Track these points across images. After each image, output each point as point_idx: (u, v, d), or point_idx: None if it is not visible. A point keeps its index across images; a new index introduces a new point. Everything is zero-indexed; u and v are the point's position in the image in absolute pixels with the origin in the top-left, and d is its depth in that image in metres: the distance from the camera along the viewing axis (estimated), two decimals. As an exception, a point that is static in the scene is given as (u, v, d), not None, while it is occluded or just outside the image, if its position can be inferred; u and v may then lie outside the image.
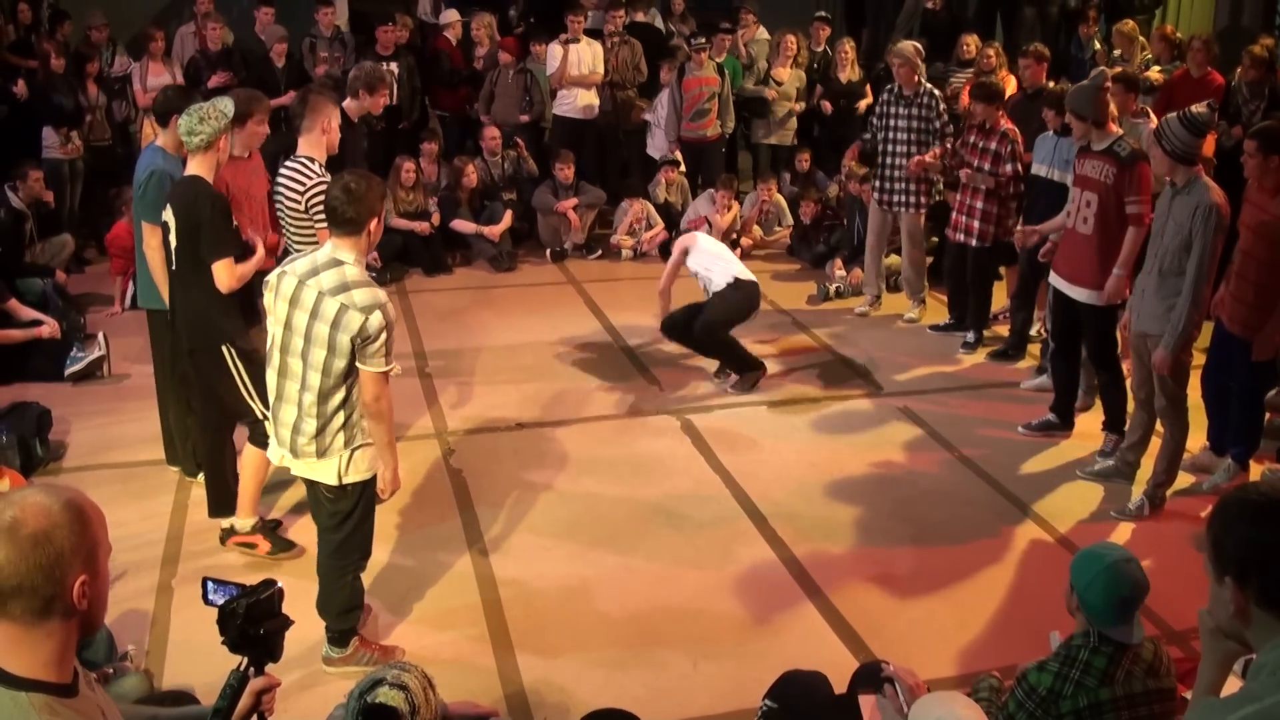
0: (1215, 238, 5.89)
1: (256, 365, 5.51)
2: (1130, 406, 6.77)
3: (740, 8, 13.61)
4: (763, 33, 13.19)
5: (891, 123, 9.24)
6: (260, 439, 5.61)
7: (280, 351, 4.65)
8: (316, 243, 5.87)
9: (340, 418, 4.63)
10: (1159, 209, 6.23)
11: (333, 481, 4.72)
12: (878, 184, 9.46)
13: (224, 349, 5.58)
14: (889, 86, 9.42)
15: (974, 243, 8.70)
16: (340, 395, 4.59)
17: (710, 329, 8.09)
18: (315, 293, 4.49)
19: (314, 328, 4.49)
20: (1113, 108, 7.54)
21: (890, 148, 9.28)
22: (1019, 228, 8.03)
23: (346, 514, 4.83)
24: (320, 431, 4.63)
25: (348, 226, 4.52)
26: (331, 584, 4.92)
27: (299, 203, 6.06)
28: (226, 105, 5.58)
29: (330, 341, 4.47)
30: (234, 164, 6.26)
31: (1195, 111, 5.96)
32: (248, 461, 5.80)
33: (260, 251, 5.81)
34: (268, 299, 4.67)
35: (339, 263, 4.52)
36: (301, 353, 4.56)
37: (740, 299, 8.10)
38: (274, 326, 4.65)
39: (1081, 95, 6.98)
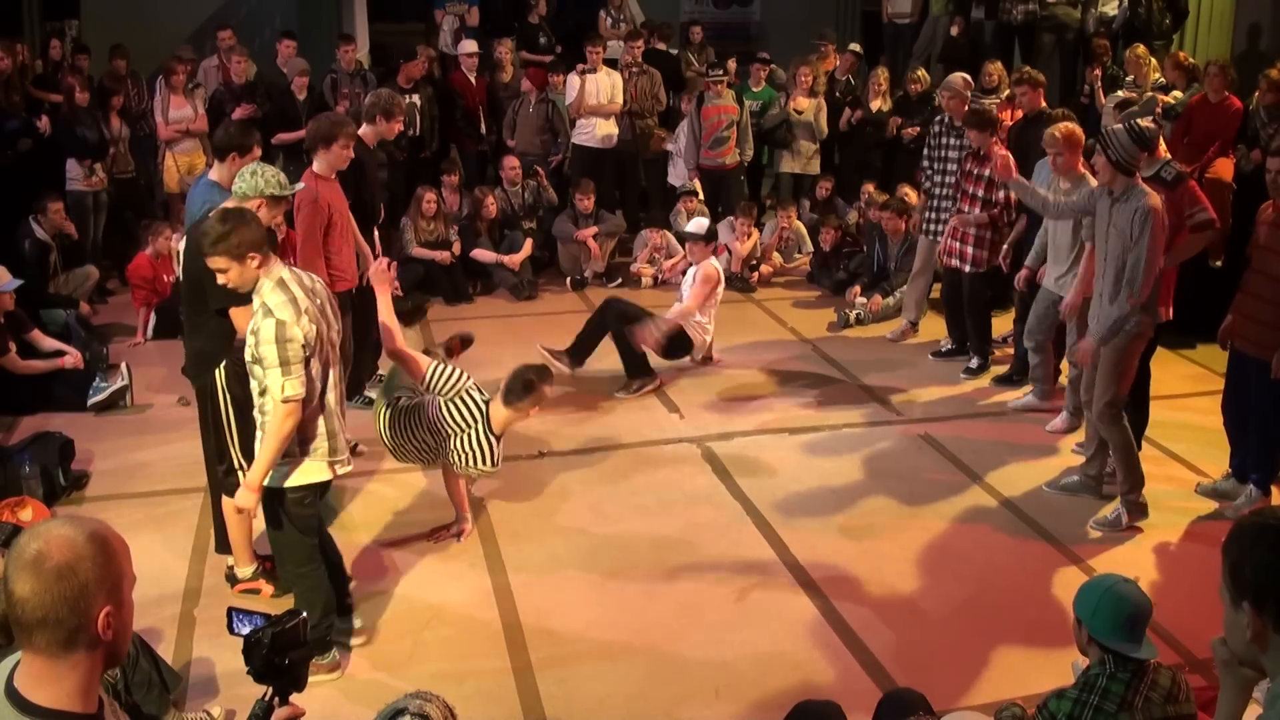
0: (1155, 239, 6.04)
1: (248, 416, 5.58)
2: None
3: (756, 38, 13.70)
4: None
5: (942, 153, 9.24)
6: (231, 489, 5.59)
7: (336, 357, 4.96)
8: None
9: None
10: (1099, 217, 6.35)
11: None
12: (927, 214, 9.45)
13: (220, 390, 5.55)
14: (939, 117, 9.42)
15: (968, 269, 8.70)
16: None
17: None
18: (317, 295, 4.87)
19: (329, 315, 4.93)
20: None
21: (941, 179, 9.27)
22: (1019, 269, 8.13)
23: None
24: None
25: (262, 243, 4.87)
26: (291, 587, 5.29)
27: (458, 453, 6.19)
28: (278, 183, 5.52)
29: (335, 312, 5.02)
30: (327, 184, 6.77)
31: (1144, 124, 6.15)
32: (229, 512, 5.72)
33: None
34: (314, 344, 4.72)
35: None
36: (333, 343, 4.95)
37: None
38: (328, 349, 4.87)
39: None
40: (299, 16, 14.92)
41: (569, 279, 11.42)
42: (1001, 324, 9.23)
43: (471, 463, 6.11)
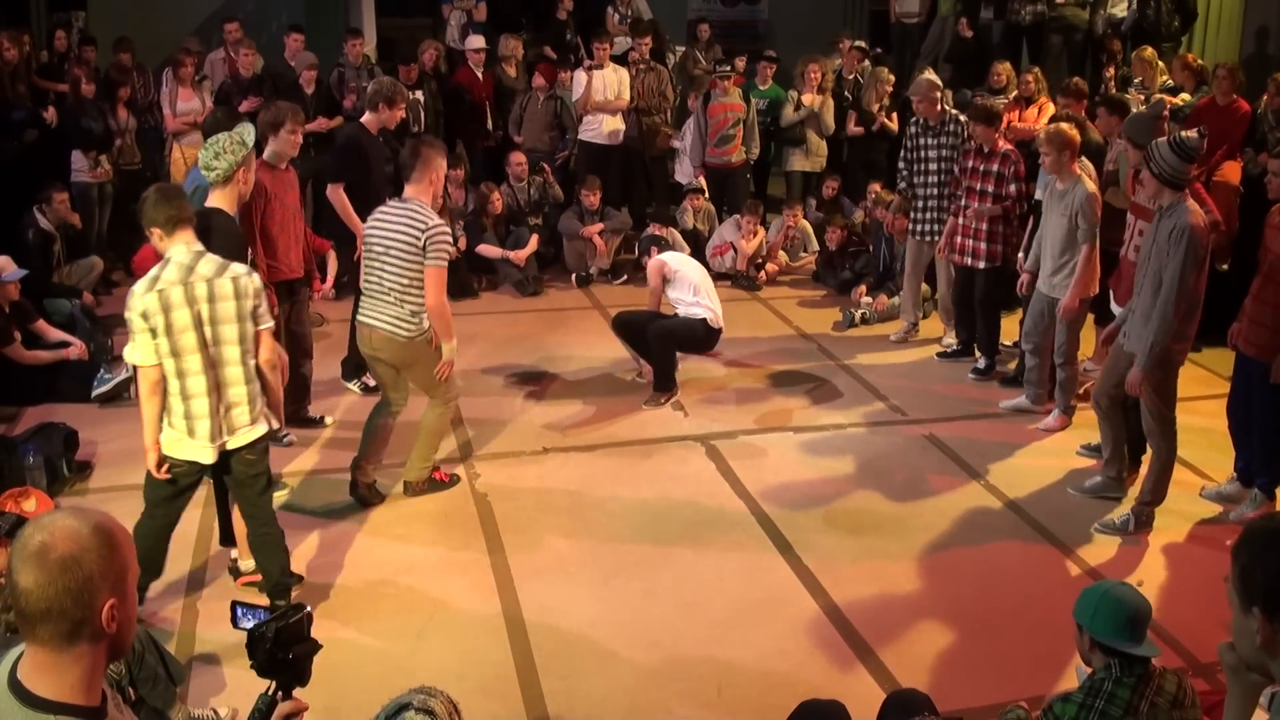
0: (1190, 259, 5.92)
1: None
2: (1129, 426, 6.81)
3: (764, 36, 13.69)
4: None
5: (921, 154, 9.23)
6: None
7: (200, 350, 4.95)
8: (418, 283, 6.22)
9: (256, 380, 5.17)
10: (1148, 233, 6.29)
11: (261, 434, 5.23)
12: (912, 215, 9.43)
13: None
14: (914, 119, 9.41)
15: (982, 265, 8.67)
16: (252, 361, 5.10)
17: (666, 337, 8.36)
18: (204, 283, 4.92)
19: (218, 310, 4.94)
20: (1096, 134, 7.72)
21: (921, 179, 9.26)
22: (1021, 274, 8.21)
23: (265, 467, 5.36)
24: (251, 399, 5.13)
25: (187, 222, 5.06)
26: (276, 541, 5.46)
27: (418, 239, 6.17)
28: (247, 134, 5.65)
29: (240, 311, 4.98)
30: (271, 171, 6.67)
31: (1185, 136, 6.00)
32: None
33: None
34: (155, 323, 4.89)
35: (201, 253, 5.01)
36: (216, 338, 4.97)
37: (704, 335, 8.44)
38: (177, 336, 4.91)
39: (1139, 124, 7.05)
40: (306, 10, 14.88)
41: (574, 275, 11.41)
42: (1010, 324, 9.19)
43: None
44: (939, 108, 9.11)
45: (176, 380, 4.97)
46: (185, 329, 4.89)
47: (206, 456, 5.10)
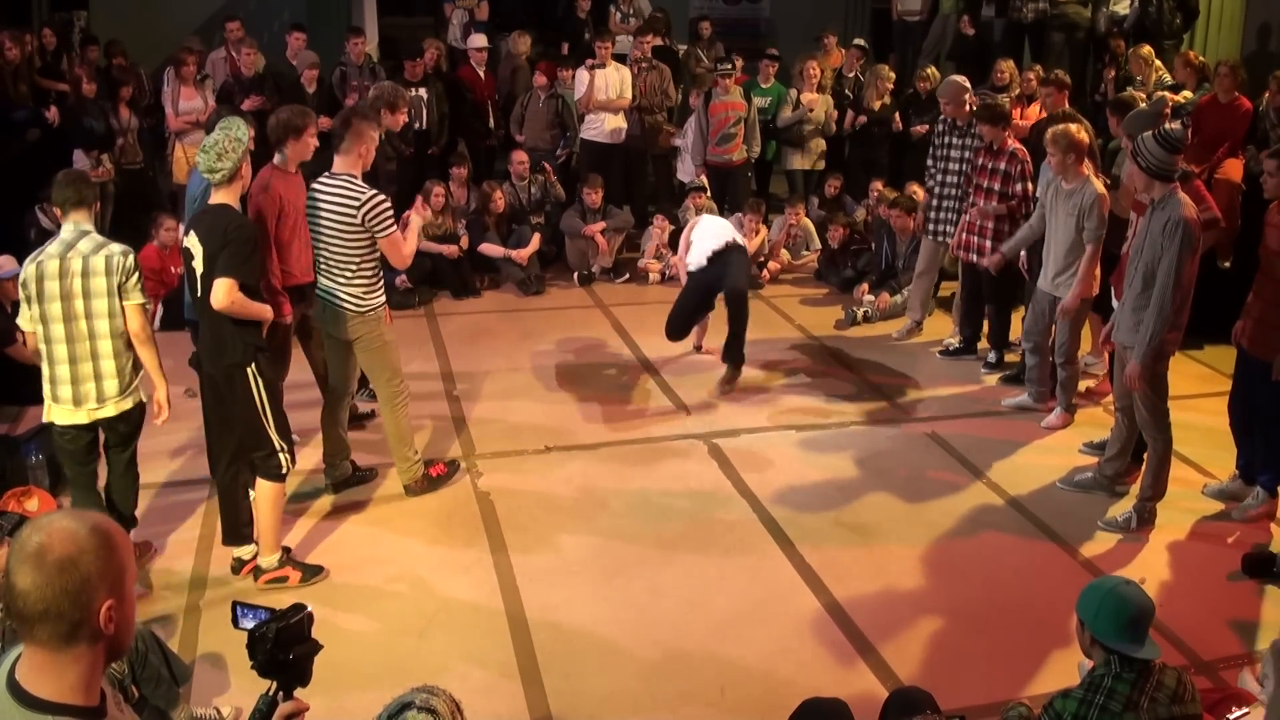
0: (1184, 252, 5.93)
1: (277, 395, 5.66)
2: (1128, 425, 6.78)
3: (765, 35, 13.68)
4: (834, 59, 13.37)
5: (946, 153, 9.18)
6: (273, 472, 5.74)
7: (64, 322, 5.36)
8: (360, 256, 6.34)
9: (129, 352, 5.52)
10: (1140, 226, 6.31)
11: (132, 405, 5.60)
12: (930, 214, 9.40)
13: (248, 371, 5.59)
14: (942, 118, 9.37)
15: (986, 262, 8.64)
16: (124, 334, 5.46)
17: (743, 290, 8.59)
18: (80, 259, 5.31)
19: (91, 284, 5.32)
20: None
21: (944, 178, 9.21)
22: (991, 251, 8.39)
23: (137, 427, 5.73)
24: (120, 370, 5.49)
25: (84, 204, 5.50)
26: (132, 488, 5.86)
27: (354, 215, 6.20)
28: (239, 130, 5.63)
29: (109, 287, 5.34)
30: (284, 176, 6.55)
31: (1169, 129, 6.04)
32: (264, 497, 5.80)
33: (268, 310, 5.86)
34: (30, 290, 5.34)
35: (86, 232, 5.41)
36: (89, 311, 5.35)
37: (738, 259, 8.64)
38: (46, 305, 5.34)
39: (1140, 121, 7.04)
40: (308, 9, 14.90)
41: (576, 274, 11.40)
42: (1013, 322, 9.18)
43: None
44: (967, 109, 9.07)
45: (44, 346, 5.44)
46: (53, 299, 5.31)
47: (76, 418, 5.51)
